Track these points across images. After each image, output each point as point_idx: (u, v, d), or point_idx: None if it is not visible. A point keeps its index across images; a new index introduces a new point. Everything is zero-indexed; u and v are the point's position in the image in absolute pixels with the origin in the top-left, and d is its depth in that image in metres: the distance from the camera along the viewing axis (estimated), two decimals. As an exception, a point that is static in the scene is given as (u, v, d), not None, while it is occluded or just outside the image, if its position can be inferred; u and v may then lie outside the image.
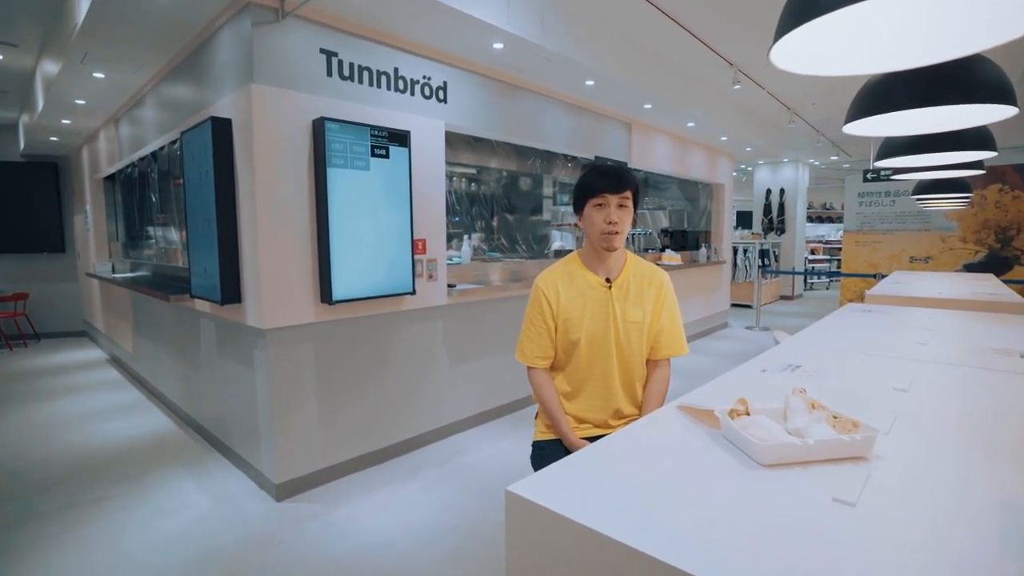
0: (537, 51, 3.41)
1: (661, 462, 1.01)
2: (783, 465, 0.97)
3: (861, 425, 1.04)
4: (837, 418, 1.07)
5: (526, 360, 1.66)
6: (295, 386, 2.76)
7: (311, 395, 2.82)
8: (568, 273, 1.62)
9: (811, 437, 1.00)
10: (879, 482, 0.90)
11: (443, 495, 2.79)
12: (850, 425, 1.04)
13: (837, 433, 1.02)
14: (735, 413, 1.11)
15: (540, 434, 1.64)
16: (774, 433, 1.02)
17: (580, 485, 0.91)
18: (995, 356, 1.88)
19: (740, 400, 1.15)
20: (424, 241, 3.30)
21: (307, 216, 2.74)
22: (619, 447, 1.09)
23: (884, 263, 7.81)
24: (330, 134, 2.69)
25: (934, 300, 3.33)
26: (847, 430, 1.03)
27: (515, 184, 5.01)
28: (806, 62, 1.05)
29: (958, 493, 0.88)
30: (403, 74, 3.15)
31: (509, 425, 3.79)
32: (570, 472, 0.97)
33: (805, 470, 0.96)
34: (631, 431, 1.18)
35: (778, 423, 1.11)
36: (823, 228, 14.22)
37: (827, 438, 0.98)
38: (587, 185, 1.54)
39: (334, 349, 2.91)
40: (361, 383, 3.05)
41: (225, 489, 2.83)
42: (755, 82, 5.16)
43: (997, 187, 7.09)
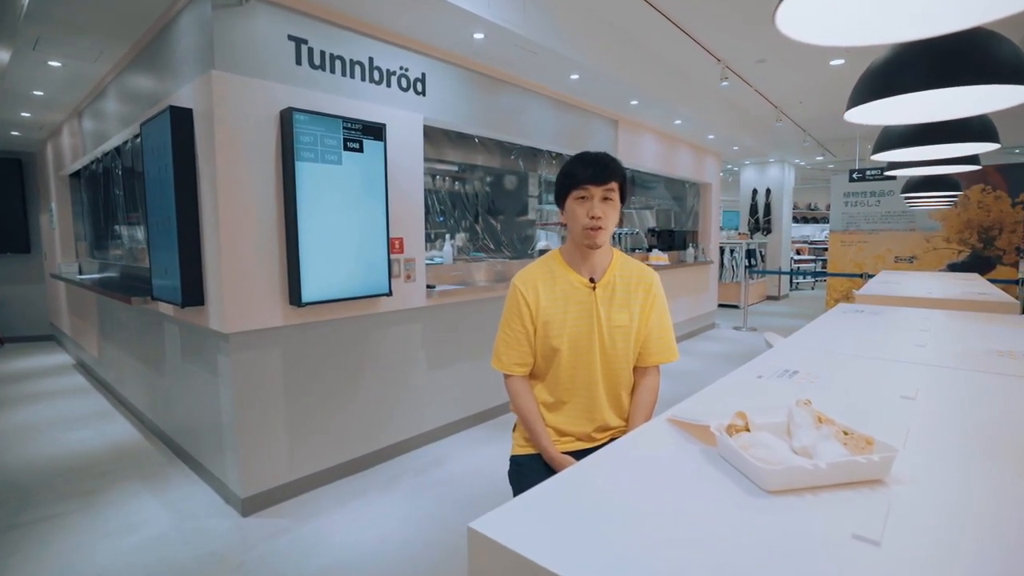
0: (520, 42, 3.28)
1: (650, 489, 0.87)
2: (790, 491, 0.84)
3: (875, 443, 0.91)
4: (848, 434, 0.94)
5: (503, 367, 1.51)
6: (262, 393, 2.59)
7: (280, 403, 2.66)
8: (549, 272, 1.47)
9: (821, 458, 0.88)
10: (903, 513, 0.78)
11: (421, 506, 2.65)
12: (863, 443, 0.92)
13: (850, 453, 0.90)
14: (734, 429, 0.98)
15: (518, 448, 1.50)
16: (779, 454, 0.89)
17: (556, 519, 0.77)
18: (999, 359, 1.78)
19: (739, 414, 1.02)
20: (401, 240, 3.15)
21: (274, 213, 2.58)
22: (602, 470, 0.95)
23: (870, 263, 7.80)
24: (299, 126, 2.54)
25: (925, 300, 3.26)
26: (861, 449, 0.91)
27: (499, 183, 4.88)
28: (807, 27, 0.93)
29: (996, 525, 0.76)
30: (378, 64, 3.00)
31: (490, 432, 3.65)
32: (545, 502, 0.83)
33: (816, 496, 0.83)
34: (616, 449, 1.05)
35: (782, 440, 0.98)
36: (808, 228, 14.28)
37: (841, 460, 0.85)
38: (568, 175, 1.39)
39: (304, 354, 2.75)
40: (333, 389, 2.89)
41: (188, 504, 2.66)
42: (743, 79, 5.08)
43: (979, 187, 7.11)
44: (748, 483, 0.87)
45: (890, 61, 1.32)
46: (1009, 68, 1.18)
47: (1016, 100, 1.23)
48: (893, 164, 2.56)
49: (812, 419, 0.99)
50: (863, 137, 8.06)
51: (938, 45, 1.24)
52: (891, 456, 0.87)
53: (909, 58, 1.28)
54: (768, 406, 1.27)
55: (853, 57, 4.55)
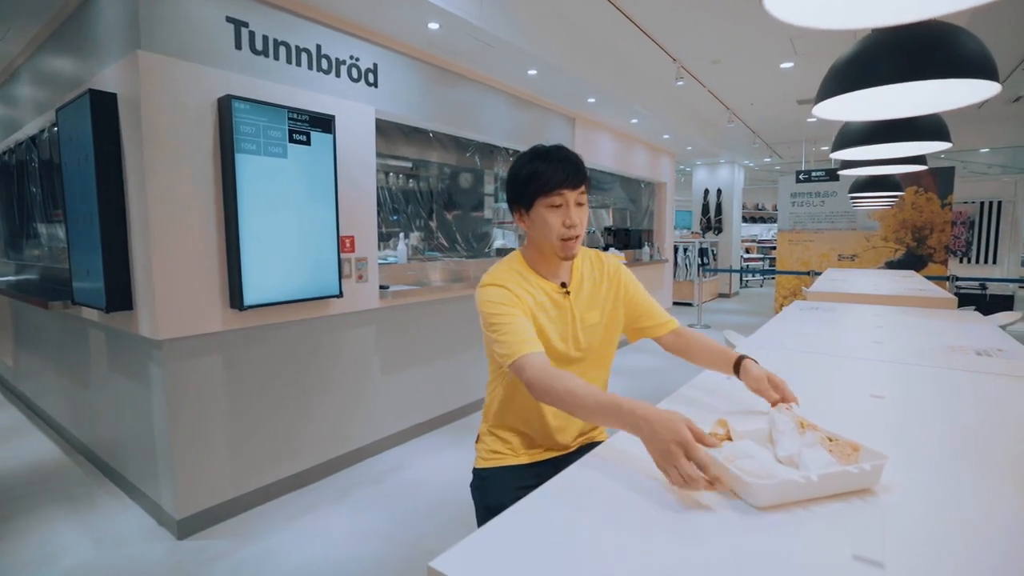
0: (476, 34, 3.17)
1: (627, 513, 0.79)
2: (780, 506, 0.78)
3: (862, 449, 0.87)
4: (833, 441, 0.90)
5: (525, 348, 1.11)
6: (200, 404, 2.38)
7: (220, 413, 2.46)
8: (521, 277, 1.29)
9: (808, 467, 0.82)
10: (900, 527, 0.73)
11: (378, 519, 2.50)
12: (849, 449, 0.87)
13: (837, 460, 0.85)
14: (716, 438, 0.92)
15: (482, 461, 1.39)
16: (767, 466, 0.83)
17: (524, 554, 0.68)
18: (952, 354, 1.82)
19: (720, 422, 0.96)
20: (352, 239, 2.98)
21: (212, 208, 2.38)
22: (573, 492, 0.87)
23: (815, 261, 8.11)
24: (239, 115, 2.34)
25: (872, 296, 3.37)
26: (847, 456, 0.86)
27: (455, 180, 4.76)
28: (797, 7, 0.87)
29: (987, 533, 0.71)
30: (327, 52, 2.83)
31: (449, 437, 3.53)
32: (513, 535, 0.74)
33: (807, 511, 0.77)
34: (587, 465, 0.96)
35: (765, 448, 0.93)
36: (756, 228, 14.79)
37: (832, 471, 0.80)
38: (535, 177, 1.22)
39: (247, 360, 2.55)
40: (280, 397, 2.70)
41: (116, 528, 2.41)
42: (697, 80, 5.15)
43: (913, 189, 7.50)
44: (734, 500, 0.80)
45: (859, 55, 1.30)
46: (975, 63, 1.17)
47: (982, 95, 1.23)
48: (846, 163, 2.60)
49: (795, 425, 0.94)
50: (809, 140, 8.38)
51: (906, 39, 1.23)
52: (881, 464, 0.82)
53: (877, 52, 1.26)
54: (743, 408, 1.22)
55: (803, 61, 4.68)
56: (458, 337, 3.77)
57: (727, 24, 4.01)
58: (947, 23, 1.23)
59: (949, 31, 1.20)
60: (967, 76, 1.15)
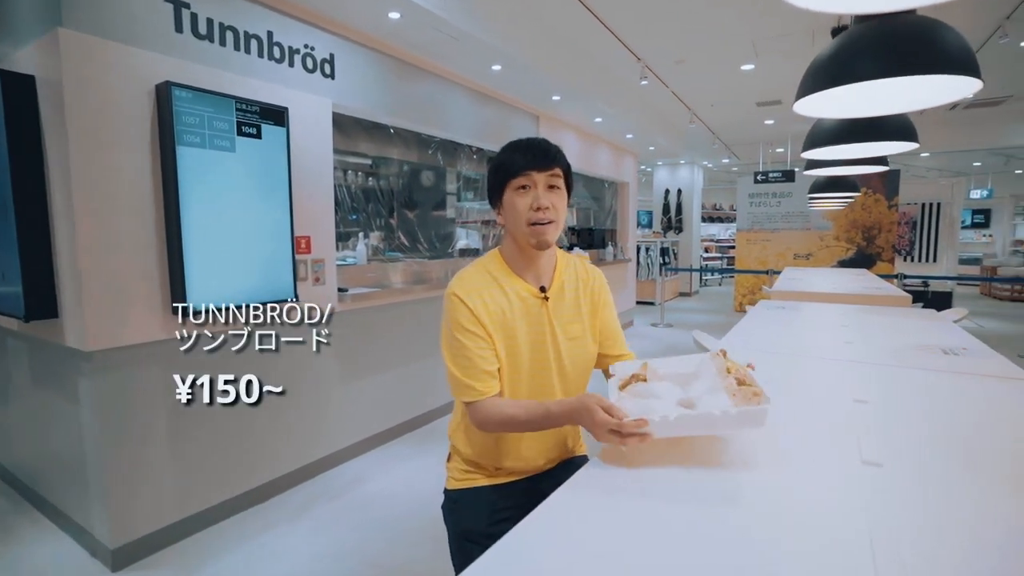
0: (439, 25, 3.04)
1: (623, 536, 0.70)
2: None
3: (763, 394, 0.89)
4: (743, 385, 0.92)
5: (479, 388, 1.11)
6: (137, 420, 2.17)
7: (161, 429, 2.25)
8: (492, 280, 1.19)
9: (703, 408, 0.89)
10: (900, 528, 0.66)
11: (339, 536, 2.35)
12: (751, 395, 0.89)
13: (735, 405, 0.88)
14: (635, 379, 0.99)
15: (454, 482, 1.28)
16: (658, 407, 0.90)
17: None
18: (922, 354, 1.82)
19: (644, 364, 1.03)
20: (308, 239, 2.81)
21: (150, 206, 2.17)
22: (555, 529, 0.77)
23: (772, 260, 8.32)
24: (180, 104, 2.15)
25: (832, 295, 3.43)
26: (747, 399, 0.88)
27: (416, 178, 4.61)
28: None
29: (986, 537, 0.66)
30: (279, 40, 2.65)
31: (413, 445, 3.39)
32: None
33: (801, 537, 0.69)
34: (573, 493, 0.87)
35: (675, 389, 0.99)
36: (714, 228, 15.14)
37: (686, 412, 0.88)
38: (504, 165, 1.15)
39: (192, 370, 2.34)
40: (228, 409, 2.50)
41: (40, 560, 2.18)
42: (660, 80, 5.17)
43: (863, 191, 7.79)
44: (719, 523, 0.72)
45: (841, 50, 1.25)
46: (960, 59, 1.14)
47: (965, 92, 1.20)
48: (811, 163, 2.62)
49: (717, 370, 0.98)
50: (766, 142, 8.60)
51: (891, 34, 1.19)
52: (746, 412, 0.85)
53: (860, 48, 1.22)
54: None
55: (763, 63, 4.75)
56: (421, 340, 3.63)
57: (691, 24, 4.01)
58: (931, 18, 1.20)
59: (933, 25, 1.17)
60: (953, 72, 1.12)
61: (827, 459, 1.00)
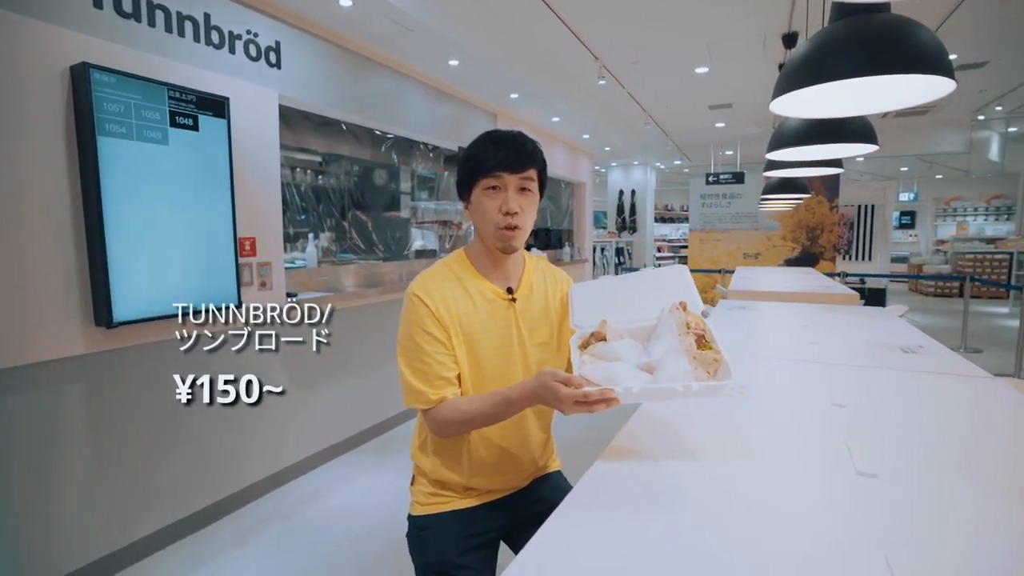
0: (394, 15, 2.89)
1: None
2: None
3: (723, 361, 0.85)
4: (703, 348, 0.89)
5: (433, 396, 1.05)
6: (54, 445, 1.93)
7: (82, 455, 2.01)
8: (457, 280, 1.12)
9: (663, 374, 0.86)
10: (901, 532, 0.61)
11: (291, 561, 2.18)
12: (711, 360, 0.86)
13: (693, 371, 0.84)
14: (594, 338, 0.95)
15: (419, 507, 1.16)
16: (618, 372, 0.87)
17: None
18: (883, 353, 1.85)
19: (602, 322, 0.98)
20: (253, 240, 2.60)
21: (66, 203, 1.93)
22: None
23: (723, 259, 8.55)
24: (100, 89, 1.92)
25: (787, 294, 3.51)
26: (708, 364, 0.85)
27: (369, 177, 4.42)
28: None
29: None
30: (217, 23, 2.44)
31: (372, 456, 3.23)
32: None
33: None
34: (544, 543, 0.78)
35: (635, 350, 0.95)
36: (666, 228, 15.48)
37: (649, 386, 0.85)
38: (475, 158, 1.07)
39: (118, 387, 2.12)
40: (164, 426, 2.28)
41: (-63, 609, 1.90)
42: (617, 80, 5.17)
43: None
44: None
45: (818, 49, 1.22)
46: (935, 58, 1.12)
47: (939, 92, 1.19)
48: (771, 164, 2.64)
49: (678, 326, 0.93)
50: (716, 144, 8.82)
51: (866, 33, 1.17)
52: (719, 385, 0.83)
53: (837, 46, 1.20)
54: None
55: (716, 66, 4.83)
56: (376, 346, 3.46)
57: (648, 25, 4.02)
58: (905, 17, 1.18)
59: (907, 24, 1.15)
60: (928, 72, 1.10)
61: (821, 471, 0.96)
